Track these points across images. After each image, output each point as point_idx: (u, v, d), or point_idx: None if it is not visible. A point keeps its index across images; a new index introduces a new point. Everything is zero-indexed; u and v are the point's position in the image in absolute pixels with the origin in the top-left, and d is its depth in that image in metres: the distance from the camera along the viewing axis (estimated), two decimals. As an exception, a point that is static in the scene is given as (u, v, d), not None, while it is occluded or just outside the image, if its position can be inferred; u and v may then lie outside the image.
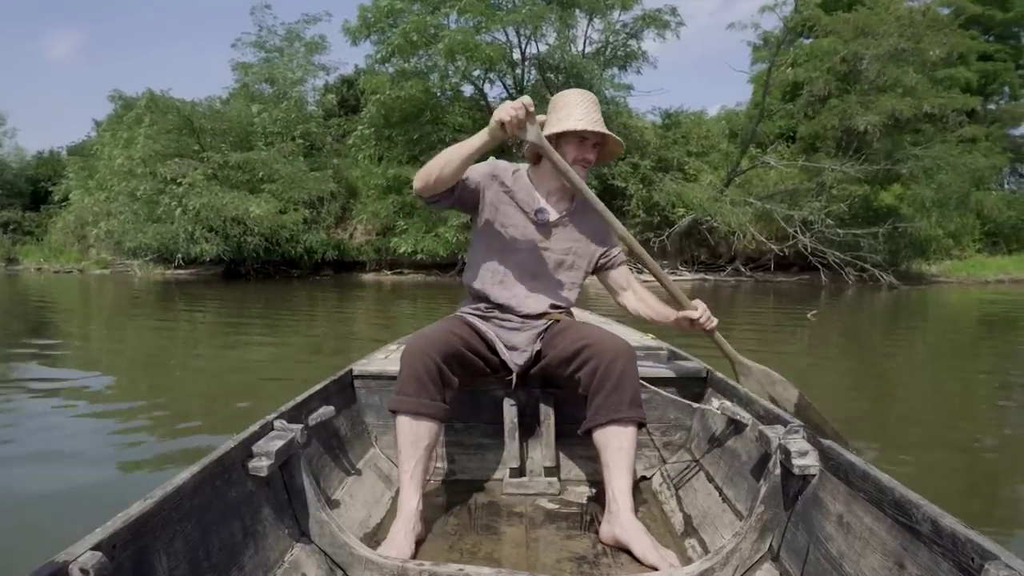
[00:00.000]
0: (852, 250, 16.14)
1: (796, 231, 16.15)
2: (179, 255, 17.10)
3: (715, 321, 1.88)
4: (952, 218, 17.55)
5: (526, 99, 1.58)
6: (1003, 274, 19.10)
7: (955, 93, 17.91)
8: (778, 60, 17.32)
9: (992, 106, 21.70)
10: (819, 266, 16.34)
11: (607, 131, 1.81)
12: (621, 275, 1.98)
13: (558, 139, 1.81)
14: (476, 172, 1.84)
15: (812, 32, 17.57)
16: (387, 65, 17.97)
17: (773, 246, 16.47)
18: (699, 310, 1.85)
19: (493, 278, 1.87)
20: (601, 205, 1.82)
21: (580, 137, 1.81)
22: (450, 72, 17.34)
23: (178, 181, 15.90)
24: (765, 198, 16.99)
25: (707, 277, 17.76)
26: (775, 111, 18.90)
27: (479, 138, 1.63)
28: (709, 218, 16.49)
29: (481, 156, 1.70)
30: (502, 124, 1.57)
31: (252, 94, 19.60)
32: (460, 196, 1.81)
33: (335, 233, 18.88)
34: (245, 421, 1.44)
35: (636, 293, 1.97)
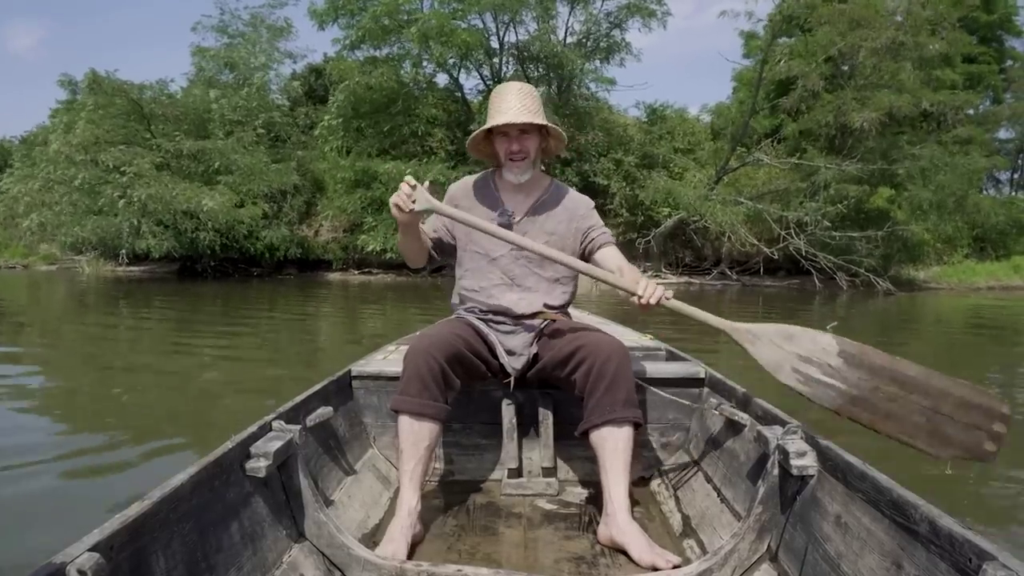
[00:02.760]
0: (843, 254, 16.22)
1: (791, 232, 16.14)
2: (123, 251, 16.74)
3: (659, 292, 1.74)
4: (950, 221, 17.76)
5: (407, 177, 1.77)
6: (993, 280, 19.60)
7: (942, 93, 18.31)
8: (771, 51, 17.31)
9: (971, 111, 22.35)
10: (812, 270, 16.36)
11: (530, 119, 1.86)
12: (607, 257, 1.97)
13: (493, 139, 1.93)
14: (439, 218, 2.00)
15: (807, 23, 17.70)
16: (357, 52, 17.90)
17: (765, 248, 16.45)
18: (639, 286, 1.74)
19: (480, 292, 1.97)
20: (512, 235, 1.81)
21: (503, 132, 1.90)
22: (424, 59, 17.31)
23: (122, 170, 15.50)
24: (755, 198, 17.03)
25: (692, 280, 17.90)
26: (765, 106, 19.07)
27: (400, 225, 1.85)
28: (698, 218, 16.46)
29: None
30: (397, 207, 1.76)
31: (211, 80, 19.30)
32: (443, 249, 2.04)
33: (299, 230, 18.71)
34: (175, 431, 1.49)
35: (623, 274, 1.95)
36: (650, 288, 1.73)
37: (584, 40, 18.41)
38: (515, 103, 1.86)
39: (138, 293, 12.93)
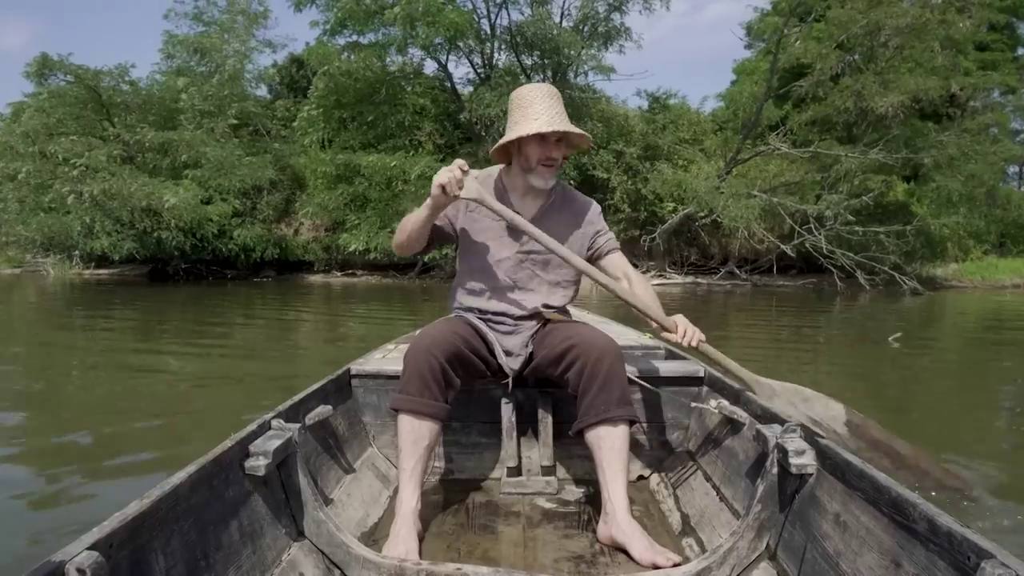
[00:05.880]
0: (862, 251, 16.14)
1: (810, 228, 16.05)
2: (77, 253, 16.58)
3: (699, 335, 1.93)
4: (982, 214, 17.65)
5: (459, 161, 1.88)
6: (1018, 278, 19.66)
7: (964, 77, 18.23)
8: (787, 28, 16.98)
9: (976, 102, 22.43)
10: (831, 268, 16.27)
11: (570, 128, 1.98)
12: (613, 264, 2.13)
13: (520, 143, 2.03)
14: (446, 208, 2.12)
15: (824, 4, 17.61)
16: (338, 38, 17.94)
17: (782, 245, 16.34)
18: (679, 328, 1.92)
19: (482, 294, 2.10)
20: (553, 243, 1.95)
21: (540, 136, 2.00)
22: (409, 43, 17.28)
23: (72, 162, 15.27)
24: (767, 191, 16.95)
25: (699, 280, 17.86)
26: (774, 94, 18.99)
27: (426, 207, 1.95)
28: (707, 213, 16.29)
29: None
30: (442, 188, 1.85)
31: (180, 69, 19.21)
32: (441, 239, 2.14)
33: (277, 229, 18.70)
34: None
35: (631, 283, 2.08)
36: (690, 331, 1.92)
37: (581, 25, 18.46)
38: (550, 108, 1.98)
39: (99, 298, 12.89)
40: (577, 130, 2.01)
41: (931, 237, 17.60)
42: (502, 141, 2.03)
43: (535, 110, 1.98)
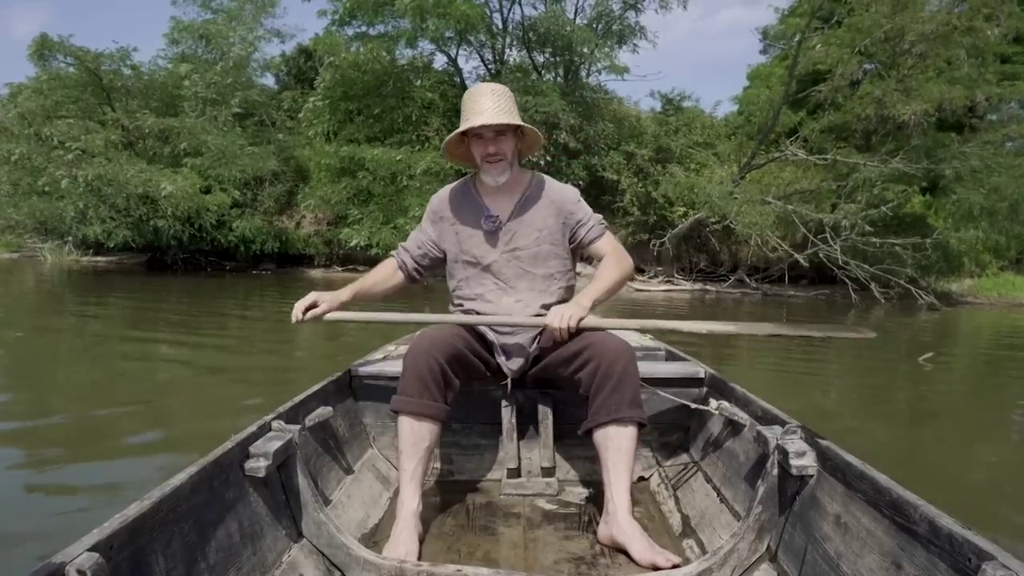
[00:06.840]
0: (876, 263, 15.98)
1: (826, 237, 15.91)
2: (70, 239, 16.59)
3: (569, 315, 1.90)
4: (1003, 229, 17.46)
5: (296, 306, 2.08)
6: (1036, 295, 19.58)
7: (989, 87, 18.12)
8: (809, 31, 16.78)
9: (994, 115, 22.28)
10: (846, 280, 16.10)
11: (505, 121, 1.99)
12: (597, 251, 2.16)
13: (469, 142, 2.08)
14: (425, 230, 2.22)
15: (847, 5, 17.54)
16: (347, 29, 18.00)
17: (796, 255, 16.24)
18: (549, 323, 1.93)
19: (477, 301, 2.14)
20: (503, 318, 2.08)
21: (478, 135, 2.03)
22: (418, 35, 17.35)
23: (68, 146, 15.18)
24: (781, 198, 16.78)
25: (708, 287, 17.81)
26: (790, 99, 18.94)
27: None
28: (718, 219, 16.20)
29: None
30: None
31: (185, 55, 19.22)
32: (429, 266, 2.24)
33: (279, 221, 18.70)
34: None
35: (603, 270, 2.11)
36: (558, 318, 1.91)
37: (595, 23, 18.45)
38: (489, 104, 2.00)
39: (94, 285, 12.95)
40: (514, 121, 2.01)
41: (949, 251, 17.45)
42: (443, 145, 2.12)
43: (478, 107, 2.00)
